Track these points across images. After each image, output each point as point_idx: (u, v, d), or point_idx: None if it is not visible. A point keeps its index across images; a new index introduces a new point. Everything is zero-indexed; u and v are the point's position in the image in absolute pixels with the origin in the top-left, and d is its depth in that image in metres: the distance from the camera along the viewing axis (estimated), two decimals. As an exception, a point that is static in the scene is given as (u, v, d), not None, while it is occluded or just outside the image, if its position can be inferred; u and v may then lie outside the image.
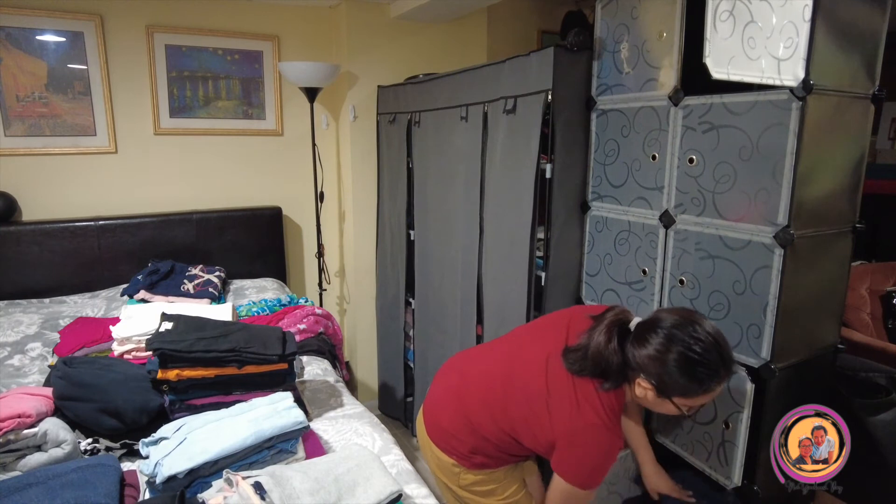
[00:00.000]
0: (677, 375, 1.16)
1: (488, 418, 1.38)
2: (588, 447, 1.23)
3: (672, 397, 1.20)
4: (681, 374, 1.16)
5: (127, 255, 2.75)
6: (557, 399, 1.26)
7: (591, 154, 1.89)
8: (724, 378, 1.18)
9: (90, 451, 1.37)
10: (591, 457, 1.23)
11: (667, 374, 1.17)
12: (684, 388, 1.17)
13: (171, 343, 1.45)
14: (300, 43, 3.12)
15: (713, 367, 1.15)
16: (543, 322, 1.50)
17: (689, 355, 1.15)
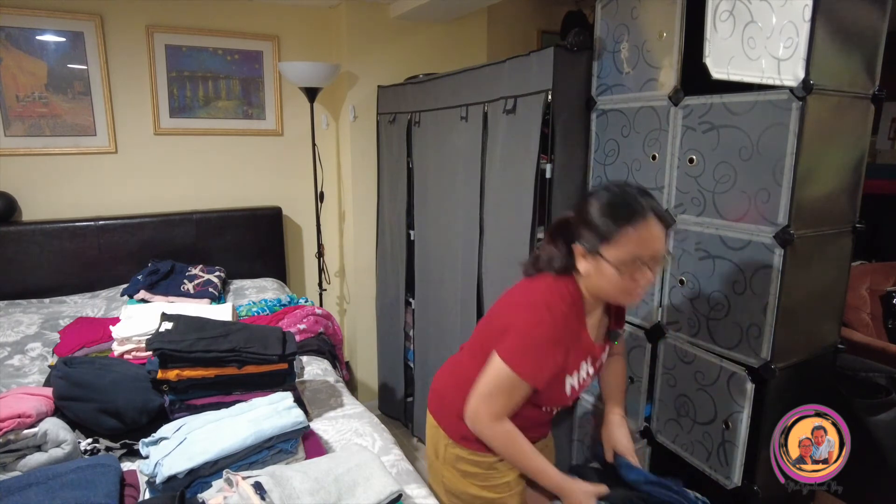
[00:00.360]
0: (598, 219, 1.16)
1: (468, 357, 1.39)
2: (525, 324, 1.22)
3: (601, 250, 1.16)
4: (601, 216, 1.16)
5: (127, 255, 2.75)
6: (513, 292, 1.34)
7: (591, 154, 1.89)
8: (645, 211, 1.14)
9: (90, 451, 1.37)
10: (524, 332, 1.21)
11: (591, 224, 1.17)
12: (607, 232, 1.15)
13: (171, 343, 1.45)
14: (300, 43, 3.12)
15: (629, 198, 1.15)
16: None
17: (604, 195, 1.18)
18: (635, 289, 1.18)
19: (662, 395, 1.72)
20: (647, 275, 1.17)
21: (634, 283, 1.17)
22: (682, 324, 1.63)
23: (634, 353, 1.79)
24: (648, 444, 1.79)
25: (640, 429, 1.80)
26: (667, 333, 1.68)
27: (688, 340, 1.61)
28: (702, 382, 1.58)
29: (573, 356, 1.28)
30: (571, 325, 1.25)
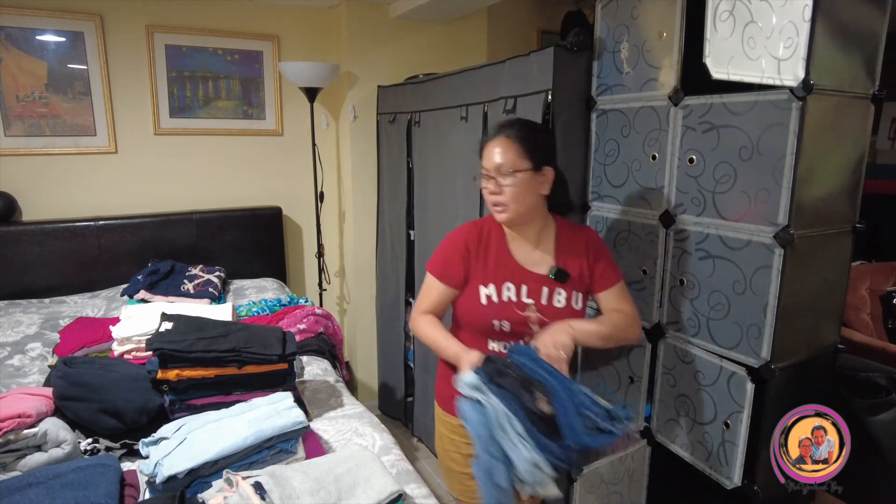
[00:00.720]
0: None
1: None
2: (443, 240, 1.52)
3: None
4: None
5: (127, 255, 2.75)
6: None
7: (591, 154, 1.89)
8: (493, 132, 1.39)
9: (90, 451, 1.37)
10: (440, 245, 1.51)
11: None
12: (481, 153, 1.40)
13: (171, 343, 1.45)
14: (300, 43, 3.12)
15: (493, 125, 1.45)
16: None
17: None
18: (488, 198, 1.39)
19: (662, 395, 1.72)
20: (489, 185, 1.37)
21: (487, 191, 1.38)
22: (682, 324, 1.63)
23: (634, 353, 1.79)
24: (648, 444, 1.79)
25: (640, 429, 1.81)
26: (667, 333, 1.68)
27: (688, 340, 1.61)
28: (702, 382, 1.58)
29: (490, 270, 1.42)
30: (486, 241, 1.45)
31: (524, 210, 1.37)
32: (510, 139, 1.34)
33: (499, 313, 1.40)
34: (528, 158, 1.34)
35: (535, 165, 1.35)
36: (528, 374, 1.20)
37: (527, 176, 1.34)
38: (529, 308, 1.40)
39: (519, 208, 1.36)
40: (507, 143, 1.34)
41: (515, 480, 1.14)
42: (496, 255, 1.43)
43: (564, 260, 1.43)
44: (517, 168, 1.33)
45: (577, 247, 1.44)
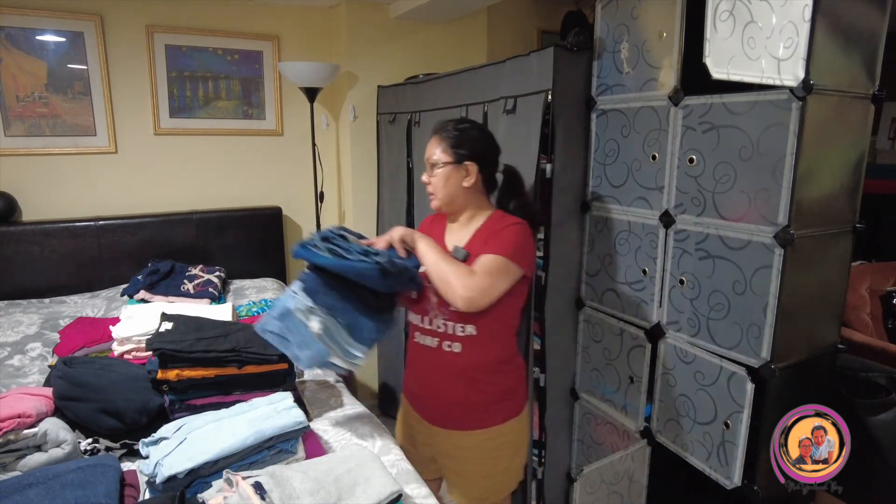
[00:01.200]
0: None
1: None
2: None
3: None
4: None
5: (127, 255, 2.75)
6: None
7: (591, 154, 1.89)
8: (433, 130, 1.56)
9: (90, 451, 1.37)
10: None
11: None
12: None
13: (172, 343, 1.45)
14: (300, 43, 3.12)
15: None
16: None
17: None
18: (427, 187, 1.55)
19: (662, 395, 1.72)
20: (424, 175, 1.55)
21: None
22: (682, 324, 1.63)
23: (634, 353, 1.79)
24: (648, 444, 1.79)
25: (641, 429, 1.81)
26: (667, 333, 1.68)
27: (688, 340, 1.61)
28: (702, 382, 1.58)
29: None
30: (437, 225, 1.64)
31: (449, 199, 1.53)
32: (440, 136, 1.52)
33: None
34: (450, 154, 1.50)
35: (456, 160, 1.49)
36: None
37: (448, 169, 1.50)
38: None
39: (444, 197, 1.53)
40: (437, 140, 1.52)
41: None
42: (436, 237, 1.58)
43: (474, 243, 1.52)
44: (440, 161, 1.50)
45: (490, 232, 1.50)
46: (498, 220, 1.53)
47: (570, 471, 2.12)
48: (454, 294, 1.38)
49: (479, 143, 1.54)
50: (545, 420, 2.05)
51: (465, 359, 1.49)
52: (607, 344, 1.90)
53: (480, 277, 1.40)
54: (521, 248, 1.47)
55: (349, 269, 1.36)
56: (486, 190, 1.58)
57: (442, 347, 1.51)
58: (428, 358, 1.56)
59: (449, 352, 1.50)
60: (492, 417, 1.53)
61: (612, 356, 1.88)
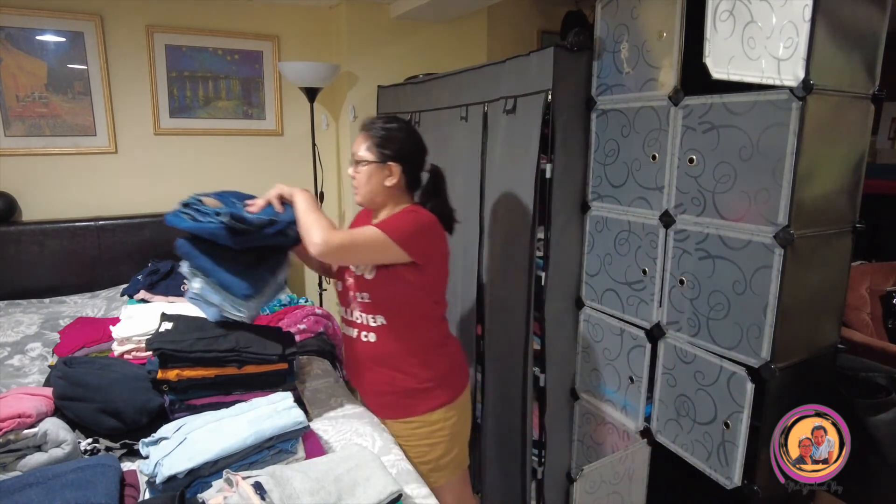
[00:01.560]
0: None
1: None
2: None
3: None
4: None
5: (127, 255, 2.75)
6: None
7: (591, 154, 1.89)
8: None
9: (90, 451, 1.37)
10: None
11: None
12: None
13: (171, 343, 1.45)
14: (300, 43, 3.12)
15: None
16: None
17: None
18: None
19: (662, 395, 1.72)
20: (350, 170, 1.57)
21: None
22: (682, 324, 1.63)
23: (634, 353, 1.79)
24: (648, 443, 1.79)
25: (641, 429, 1.81)
26: (667, 333, 1.68)
27: (688, 340, 1.61)
28: (702, 382, 1.58)
29: None
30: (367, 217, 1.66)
31: (371, 196, 1.56)
32: (367, 133, 1.54)
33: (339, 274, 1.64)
34: (375, 153, 1.52)
35: (380, 159, 1.52)
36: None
37: (371, 168, 1.52)
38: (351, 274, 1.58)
39: (366, 194, 1.55)
40: (363, 137, 1.54)
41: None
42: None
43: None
44: (364, 159, 1.53)
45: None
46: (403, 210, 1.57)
47: (570, 471, 2.12)
48: (310, 240, 1.40)
49: (405, 144, 1.56)
50: (545, 420, 2.05)
51: (380, 348, 1.55)
52: (607, 344, 1.90)
53: (343, 235, 1.42)
54: (411, 233, 1.47)
55: (202, 231, 1.45)
56: (409, 189, 1.61)
57: (360, 338, 1.58)
58: (351, 348, 1.63)
59: (366, 342, 1.57)
60: (420, 405, 1.58)
61: (612, 356, 1.88)
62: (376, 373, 1.59)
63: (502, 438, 2.19)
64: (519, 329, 2.01)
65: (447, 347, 1.66)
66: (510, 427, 2.12)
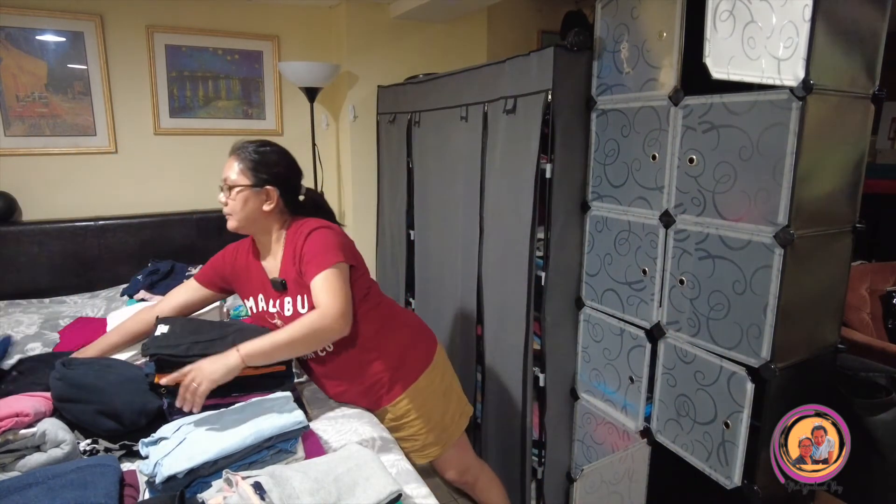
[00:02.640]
0: None
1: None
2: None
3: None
4: None
5: (127, 255, 2.75)
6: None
7: (591, 154, 1.89)
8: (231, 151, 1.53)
9: (89, 451, 1.36)
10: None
11: None
12: None
13: (168, 348, 1.44)
14: (300, 43, 3.12)
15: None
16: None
17: None
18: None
19: (662, 395, 1.72)
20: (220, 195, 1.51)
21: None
22: (682, 324, 1.63)
23: (634, 353, 1.79)
24: (648, 443, 1.79)
25: (641, 429, 1.81)
26: (667, 333, 1.68)
27: (688, 340, 1.61)
28: (702, 382, 1.58)
29: (244, 283, 1.60)
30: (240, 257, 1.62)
31: (248, 222, 1.51)
32: (238, 158, 1.50)
33: (259, 321, 1.58)
34: (249, 177, 1.48)
35: (256, 183, 1.48)
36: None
37: (247, 192, 1.48)
38: (276, 316, 1.54)
39: (243, 219, 1.50)
40: (235, 161, 1.50)
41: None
42: (250, 270, 1.59)
43: (286, 268, 1.51)
44: (238, 184, 1.48)
45: (294, 251, 1.49)
46: (294, 235, 1.51)
47: (570, 471, 2.12)
48: (331, 336, 1.40)
49: (280, 167, 1.53)
50: (545, 420, 2.06)
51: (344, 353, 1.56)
52: (607, 344, 1.90)
53: (328, 301, 1.37)
54: (332, 247, 1.44)
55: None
56: (289, 210, 1.56)
57: (320, 355, 1.58)
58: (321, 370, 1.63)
59: (327, 355, 1.58)
60: (401, 382, 1.61)
61: (612, 356, 1.88)
62: (342, 380, 1.61)
63: (502, 438, 2.19)
64: (519, 329, 2.01)
65: (388, 329, 1.62)
66: (510, 427, 2.12)
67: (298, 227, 1.52)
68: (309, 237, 1.47)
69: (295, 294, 1.49)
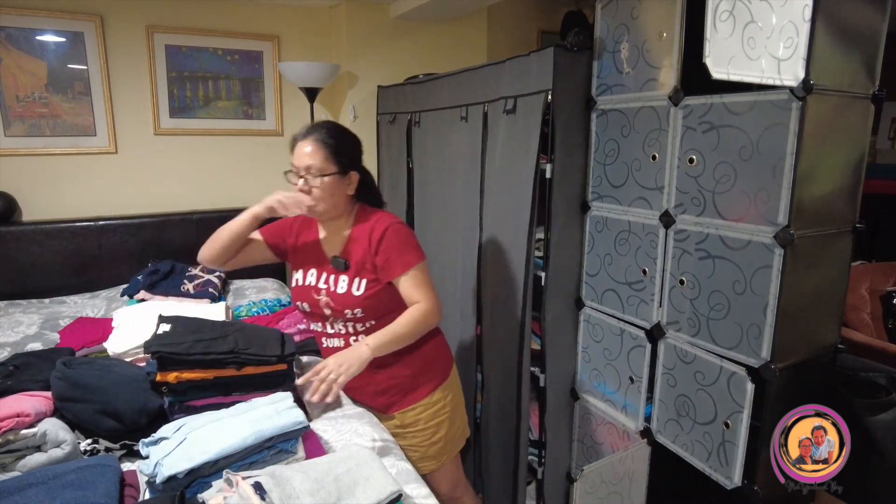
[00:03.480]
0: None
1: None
2: None
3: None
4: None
5: (127, 255, 2.75)
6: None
7: (591, 154, 1.89)
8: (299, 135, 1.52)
9: (90, 451, 1.37)
10: None
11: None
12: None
13: (170, 346, 1.44)
14: (300, 43, 3.12)
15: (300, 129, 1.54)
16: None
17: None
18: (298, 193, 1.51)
19: (662, 395, 1.72)
20: (299, 182, 1.50)
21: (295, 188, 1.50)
22: (682, 324, 1.63)
23: (634, 353, 1.79)
24: (648, 443, 1.79)
25: (641, 429, 1.81)
26: (667, 333, 1.68)
27: (688, 340, 1.61)
28: (702, 382, 1.58)
29: (300, 258, 1.61)
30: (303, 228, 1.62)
31: (331, 208, 1.52)
32: (318, 143, 1.48)
33: (300, 296, 1.58)
34: (334, 164, 1.48)
35: (341, 170, 1.49)
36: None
37: (334, 179, 1.49)
38: (322, 293, 1.55)
39: (327, 207, 1.51)
40: (314, 146, 1.47)
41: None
42: (309, 244, 1.60)
43: (351, 249, 1.55)
44: (325, 171, 1.47)
45: (363, 236, 1.54)
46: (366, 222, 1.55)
47: (570, 471, 2.12)
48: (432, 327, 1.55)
49: (357, 149, 1.56)
50: (545, 420, 2.06)
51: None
52: (607, 344, 1.90)
53: (427, 296, 1.50)
54: (413, 245, 1.54)
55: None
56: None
57: (350, 344, 1.57)
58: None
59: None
60: (421, 389, 1.63)
61: (612, 356, 1.88)
62: (376, 373, 1.59)
63: (502, 438, 2.19)
64: (519, 329, 2.01)
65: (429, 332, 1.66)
66: (510, 427, 2.12)
67: (366, 214, 1.58)
68: (388, 232, 1.51)
69: (353, 275, 1.53)
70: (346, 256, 1.55)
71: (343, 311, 1.54)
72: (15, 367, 1.58)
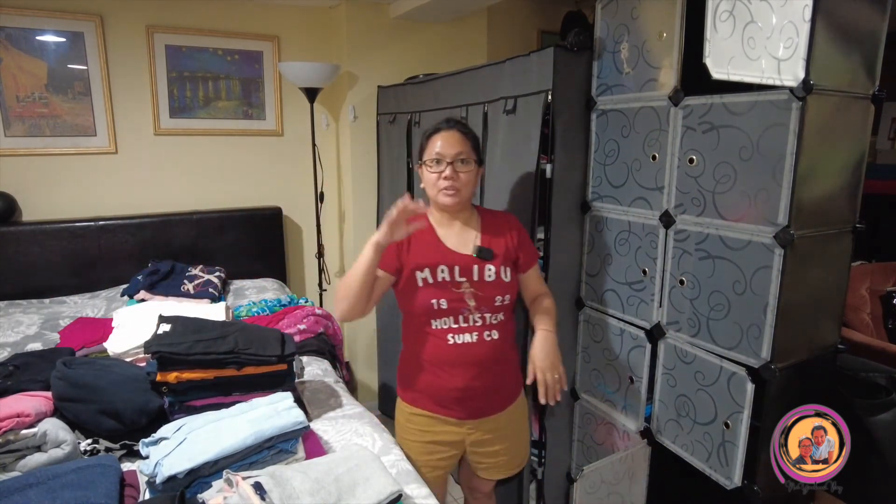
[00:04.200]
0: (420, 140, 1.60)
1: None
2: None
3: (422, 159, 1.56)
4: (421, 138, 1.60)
5: (127, 255, 2.75)
6: None
7: (591, 154, 1.89)
8: (441, 125, 1.54)
9: (90, 451, 1.37)
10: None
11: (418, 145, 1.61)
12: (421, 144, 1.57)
13: (170, 346, 1.45)
14: (300, 43, 3.12)
15: (438, 122, 1.57)
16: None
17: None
18: (437, 180, 1.51)
19: (662, 395, 1.72)
20: (445, 170, 1.50)
21: (437, 175, 1.51)
22: (682, 324, 1.63)
23: (634, 353, 1.79)
24: (648, 443, 1.79)
25: (641, 429, 1.81)
26: (667, 333, 1.68)
27: (688, 340, 1.61)
28: (702, 382, 1.58)
29: (422, 257, 1.55)
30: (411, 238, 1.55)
31: (468, 196, 1.56)
32: (464, 134, 1.54)
33: (434, 293, 1.53)
34: (475, 154, 1.56)
35: (479, 161, 1.58)
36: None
37: (475, 168, 1.56)
38: (463, 285, 1.54)
39: (466, 194, 1.54)
40: (463, 137, 1.53)
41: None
42: (426, 243, 1.58)
43: (490, 240, 1.59)
44: (472, 159, 1.54)
45: (501, 228, 1.61)
46: (497, 215, 1.67)
47: (570, 471, 2.12)
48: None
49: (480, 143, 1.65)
50: (545, 420, 2.06)
51: (502, 343, 1.58)
52: (607, 344, 1.90)
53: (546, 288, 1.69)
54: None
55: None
56: None
57: (483, 339, 1.55)
58: (470, 354, 1.55)
59: (490, 341, 1.56)
60: (517, 388, 1.69)
61: (612, 356, 1.88)
62: (502, 367, 1.61)
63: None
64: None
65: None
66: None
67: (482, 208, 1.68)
68: (520, 225, 1.65)
69: (499, 263, 1.57)
70: (487, 246, 1.57)
71: (493, 299, 1.53)
72: (15, 367, 1.59)
